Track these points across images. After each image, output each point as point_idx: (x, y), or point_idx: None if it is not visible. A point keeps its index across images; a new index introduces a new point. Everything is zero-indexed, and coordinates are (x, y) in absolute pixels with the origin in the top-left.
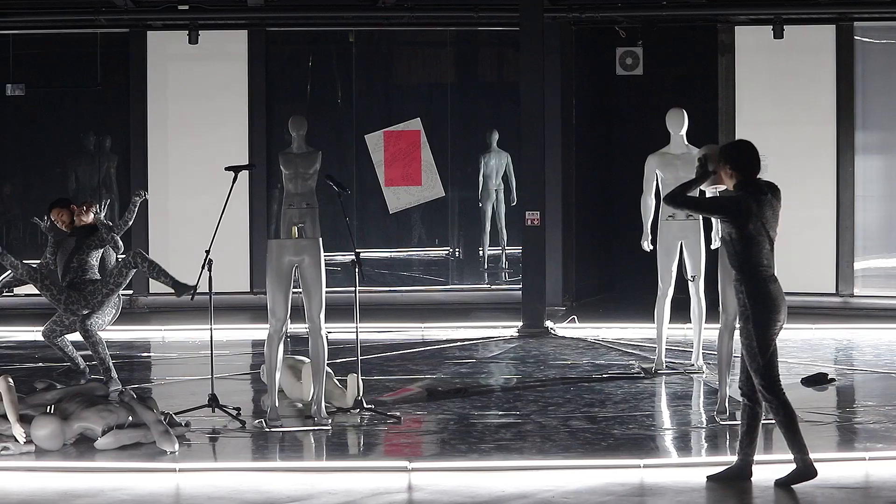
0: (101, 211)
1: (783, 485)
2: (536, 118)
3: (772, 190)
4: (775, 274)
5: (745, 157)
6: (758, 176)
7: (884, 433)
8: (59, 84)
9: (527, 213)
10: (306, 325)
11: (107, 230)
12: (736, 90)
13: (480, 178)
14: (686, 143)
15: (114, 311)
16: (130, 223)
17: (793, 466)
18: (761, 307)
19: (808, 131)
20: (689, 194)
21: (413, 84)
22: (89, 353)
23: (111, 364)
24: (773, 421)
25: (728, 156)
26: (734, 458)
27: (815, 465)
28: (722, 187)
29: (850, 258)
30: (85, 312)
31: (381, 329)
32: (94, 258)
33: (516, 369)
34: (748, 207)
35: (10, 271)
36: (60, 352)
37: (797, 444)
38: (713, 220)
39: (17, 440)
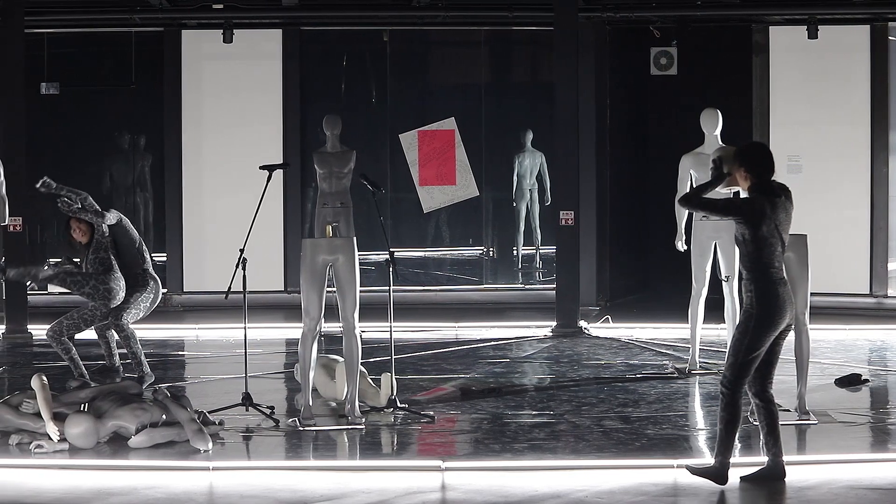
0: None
1: (693, 472)
2: (570, 118)
3: (784, 192)
4: (784, 276)
5: (759, 160)
6: (773, 178)
7: None
8: (93, 83)
9: (561, 212)
10: (340, 324)
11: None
12: (770, 90)
13: (514, 178)
14: (720, 143)
15: (147, 305)
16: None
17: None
18: (766, 310)
19: (842, 132)
20: (704, 196)
21: (447, 83)
22: (122, 350)
23: (144, 358)
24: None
25: (743, 158)
26: (767, 459)
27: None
28: (736, 189)
29: (885, 259)
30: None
31: (414, 328)
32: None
33: (550, 369)
34: (762, 209)
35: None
36: (66, 354)
37: (725, 446)
38: None
39: (51, 438)
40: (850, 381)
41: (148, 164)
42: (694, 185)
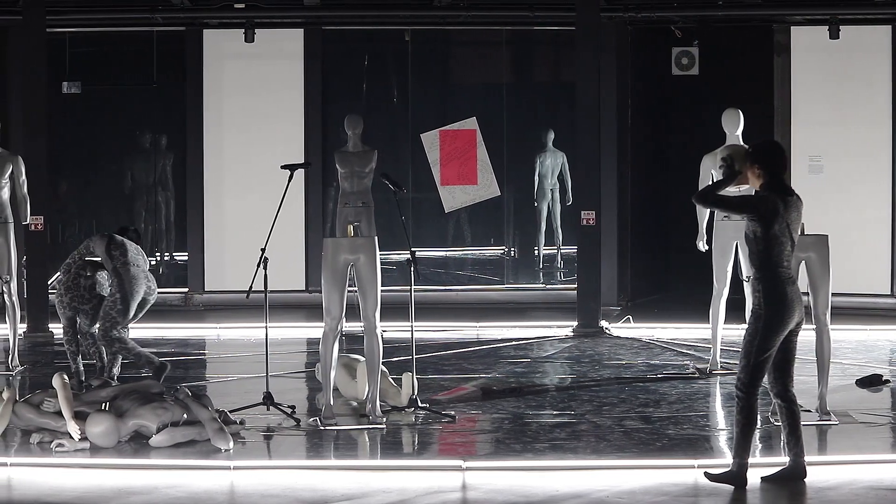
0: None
1: (712, 479)
2: (592, 118)
3: (796, 192)
4: (794, 276)
5: (774, 157)
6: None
7: None
8: (114, 82)
9: (582, 212)
10: (361, 324)
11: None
12: (791, 90)
13: (536, 178)
14: (742, 143)
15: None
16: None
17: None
18: (775, 310)
19: (863, 132)
20: (719, 193)
21: (469, 83)
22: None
23: (141, 351)
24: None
25: (757, 155)
26: (788, 459)
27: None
28: (745, 187)
29: None
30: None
31: (436, 328)
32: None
33: (571, 369)
34: (776, 207)
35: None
36: (128, 350)
37: (743, 449)
38: None
39: (72, 437)
40: (871, 382)
41: (169, 163)
42: None
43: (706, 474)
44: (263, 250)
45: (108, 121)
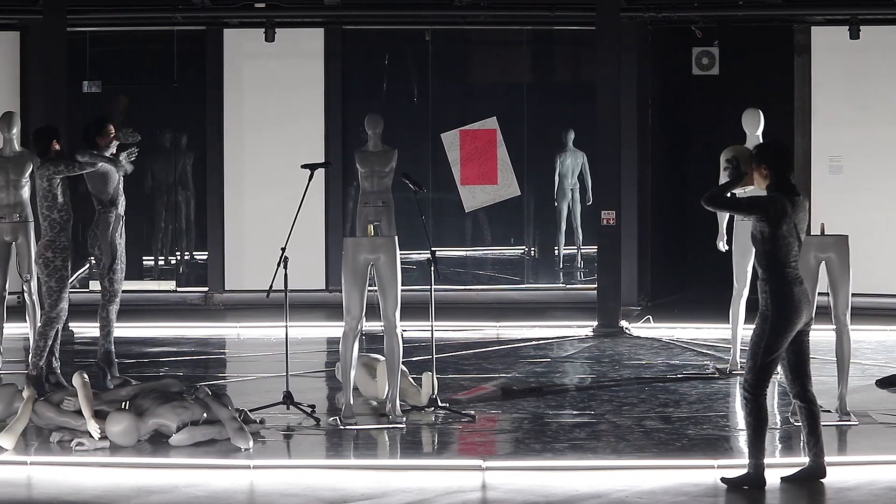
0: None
1: (730, 484)
2: (612, 117)
3: (800, 192)
4: (800, 276)
5: (781, 157)
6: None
7: None
8: (135, 81)
9: (602, 212)
10: (381, 324)
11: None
12: (812, 90)
13: (556, 178)
14: (762, 142)
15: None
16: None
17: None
18: (781, 311)
19: (883, 132)
20: (726, 195)
21: (489, 83)
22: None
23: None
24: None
25: (764, 155)
26: (808, 459)
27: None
28: (751, 188)
29: None
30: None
31: (456, 328)
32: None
33: (591, 369)
34: (784, 207)
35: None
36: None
37: (757, 450)
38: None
39: (91, 436)
40: (891, 382)
41: (190, 162)
42: None
43: (723, 479)
44: (283, 249)
45: (129, 120)
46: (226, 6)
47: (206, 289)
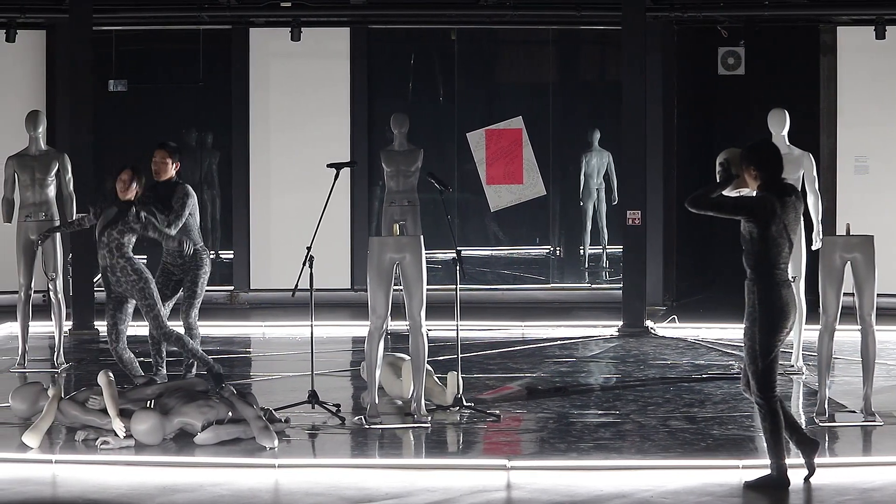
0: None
1: (752, 487)
2: (638, 117)
3: (794, 192)
4: (790, 279)
5: (768, 158)
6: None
7: None
8: (161, 80)
9: (628, 212)
10: (407, 323)
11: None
12: (837, 91)
13: (582, 177)
14: (788, 143)
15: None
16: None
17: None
18: (769, 313)
19: None
20: (713, 196)
21: (515, 82)
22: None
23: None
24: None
25: (751, 157)
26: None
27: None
28: (745, 191)
29: None
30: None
31: (481, 327)
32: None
33: (616, 368)
34: (772, 208)
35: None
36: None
37: (777, 451)
38: (814, 220)
39: (117, 435)
40: None
41: (215, 161)
42: None
43: (746, 483)
44: (309, 248)
45: (154, 119)
46: (252, 5)
47: (231, 288)
